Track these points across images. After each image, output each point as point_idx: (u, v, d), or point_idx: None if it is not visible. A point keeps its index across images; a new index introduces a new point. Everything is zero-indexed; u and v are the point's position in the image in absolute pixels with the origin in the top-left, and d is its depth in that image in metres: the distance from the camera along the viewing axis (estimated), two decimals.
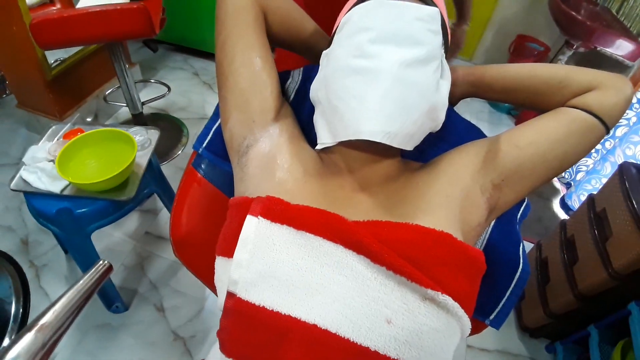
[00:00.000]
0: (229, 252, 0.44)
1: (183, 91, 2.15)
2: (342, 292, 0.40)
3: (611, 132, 0.56)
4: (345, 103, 0.45)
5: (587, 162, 1.80)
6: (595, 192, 1.29)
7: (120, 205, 1.02)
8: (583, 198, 1.60)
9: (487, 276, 0.59)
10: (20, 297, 0.75)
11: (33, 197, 1.00)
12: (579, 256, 1.24)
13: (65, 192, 1.00)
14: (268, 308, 0.40)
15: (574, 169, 1.88)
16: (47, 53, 1.55)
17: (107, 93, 1.77)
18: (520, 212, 0.63)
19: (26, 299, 1.31)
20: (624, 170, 1.16)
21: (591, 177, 1.70)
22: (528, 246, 1.60)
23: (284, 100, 0.57)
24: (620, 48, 1.64)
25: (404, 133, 0.44)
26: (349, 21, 0.48)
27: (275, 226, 0.42)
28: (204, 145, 0.63)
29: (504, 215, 0.58)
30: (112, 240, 1.45)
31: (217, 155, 0.62)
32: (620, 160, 1.56)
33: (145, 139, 1.12)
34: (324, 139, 0.49)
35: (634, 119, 1.54)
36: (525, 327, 1.46)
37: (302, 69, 0.65)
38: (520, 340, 1.46)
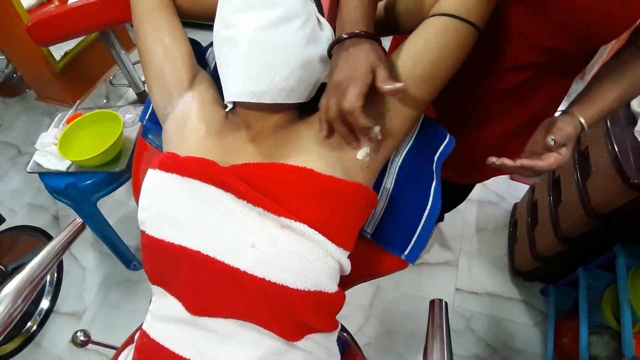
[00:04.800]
0: None
1: None
2: (216, 224, 0.48)
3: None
4: (221, 70, 0.54)
5: None
6: None
7: (117, 175, 1.16)
8: None
9: (395, 213, 0.64)
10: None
11: (46, 176, 1.17)
12: (562, 196, 1.22)
13: (70, 170, 1.15)
14: (166, 240, 0.50)
15: None
16: (52, 48, 1.70)
17: (111, 77, 1.91)
18: (440, 150, 0.64)
19: (59, 265, 1.54)
20: None
21: None
22: (525, 189, 1.54)
23: (199, 69, 0.64)
24: None
25: (275, 89, 0.50)
26: None
27: (167, 175, 0.51)
28: (146, 117, 0.72)
29: (413, 153, 0.61)
30: (128, 208, 1.64)
31: (157, 124, 0.71)
32: None
33: (134, 115, 1.23)
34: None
35: None
36: (518, 270, 1.45)
37: None
38: (513, 284, 1.46)
